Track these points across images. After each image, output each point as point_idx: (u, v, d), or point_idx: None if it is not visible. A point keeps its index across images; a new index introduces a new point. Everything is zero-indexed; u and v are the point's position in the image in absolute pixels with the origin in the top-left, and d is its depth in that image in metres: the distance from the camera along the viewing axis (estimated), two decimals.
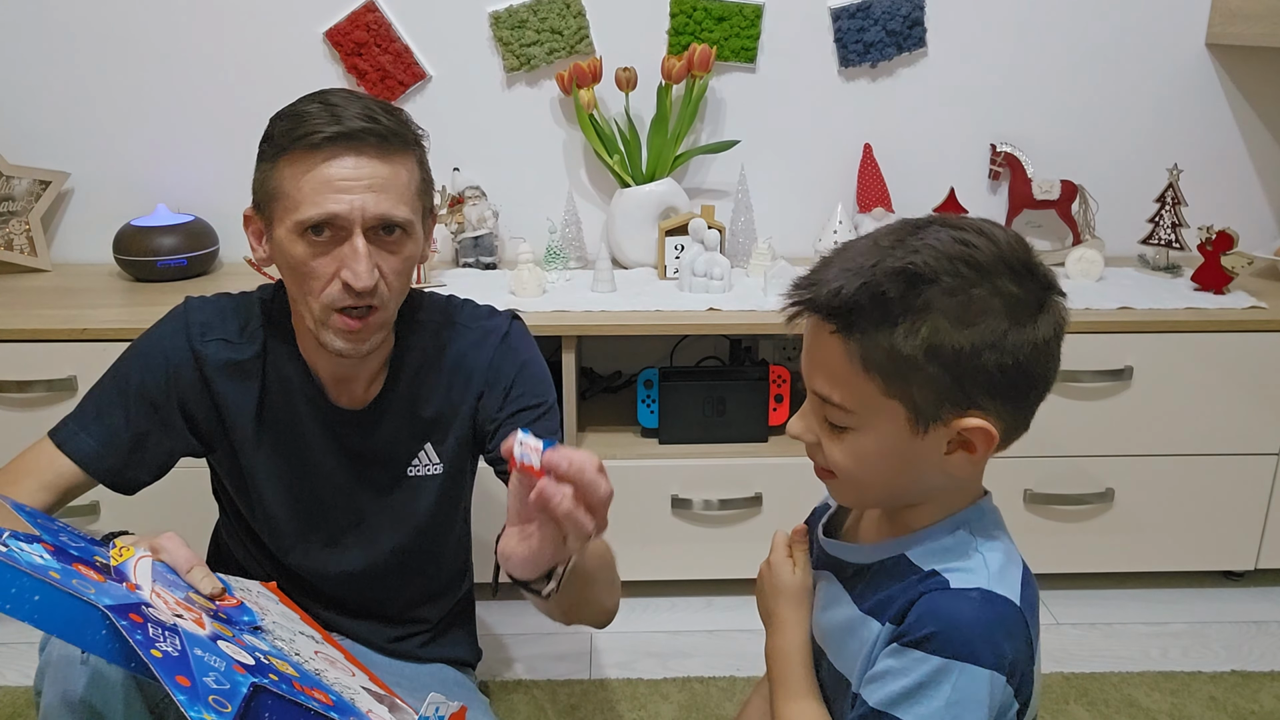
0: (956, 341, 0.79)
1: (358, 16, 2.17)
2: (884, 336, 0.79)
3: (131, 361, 1.24)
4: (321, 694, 0.85)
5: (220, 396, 1.24)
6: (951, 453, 0.84)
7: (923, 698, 0.80)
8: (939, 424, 0.82)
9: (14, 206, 2.19)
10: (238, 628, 0.92)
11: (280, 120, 1.14)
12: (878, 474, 0.86)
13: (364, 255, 1.10)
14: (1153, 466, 2.00)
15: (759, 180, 2.26)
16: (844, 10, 2.21)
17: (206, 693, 0.74)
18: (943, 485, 0.88)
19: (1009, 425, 0.85)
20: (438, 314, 1.30)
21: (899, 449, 0.84)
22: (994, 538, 0.89)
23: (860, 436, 0.84)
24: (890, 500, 0.91)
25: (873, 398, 0.82)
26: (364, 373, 1.25)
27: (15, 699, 1.74)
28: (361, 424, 1.27)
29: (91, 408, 1.22)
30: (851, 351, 0.81)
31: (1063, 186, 2.25)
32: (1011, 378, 0.81)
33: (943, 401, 0.81)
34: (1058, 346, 0.86)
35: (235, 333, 1.25)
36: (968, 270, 0.79)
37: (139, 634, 0.77)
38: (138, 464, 1.23)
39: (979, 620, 0.81)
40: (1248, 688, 1.80)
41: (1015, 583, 0.85)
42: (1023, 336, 0.81)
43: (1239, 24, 2.16)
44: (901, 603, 0.85)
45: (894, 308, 0.79)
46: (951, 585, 0.83)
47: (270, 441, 1.27)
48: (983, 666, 0.80)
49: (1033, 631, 0.85)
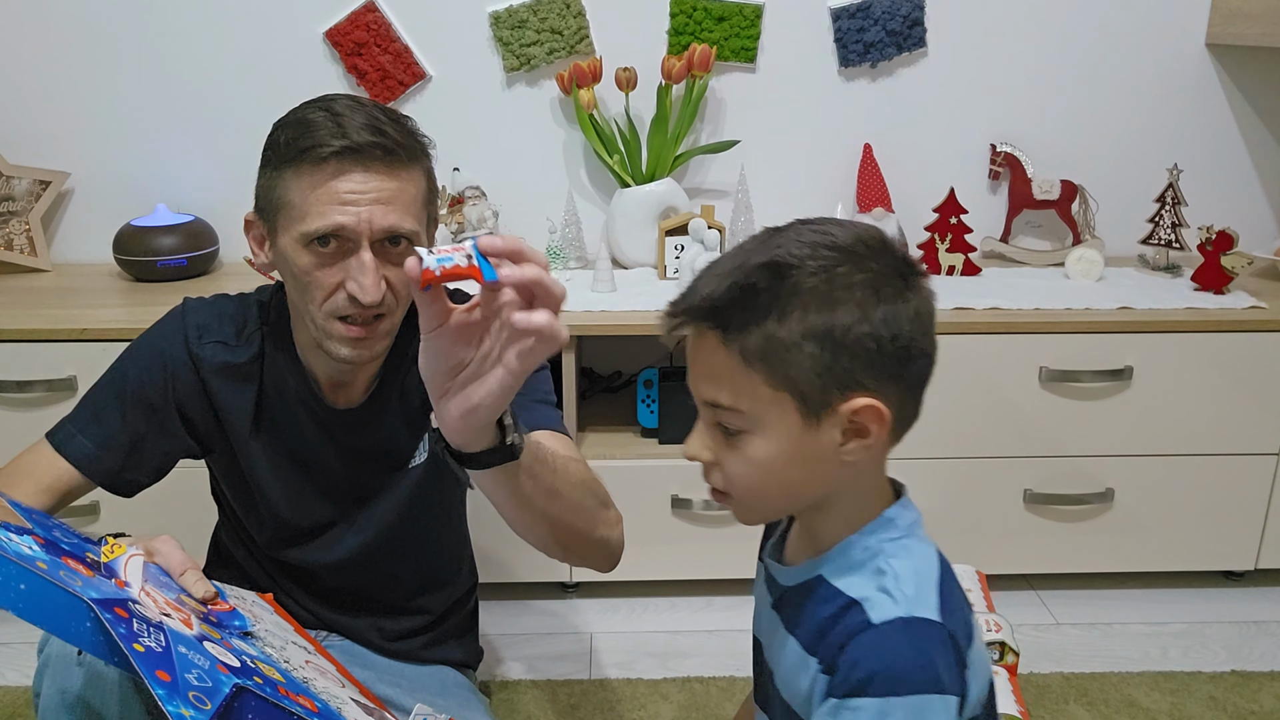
0: (828, 321, 0.81)
1: (358, 16, 2.17)
2: (759, 327, 0.82)
3: (129, 364, 1.24)
4: (307, 700, 0.85)
5: (217, 399, 1.24)
6: (846, 442, 0.85)
7: None
8: (829, 412, 0.83)
9: (14, 206, 2.19)
10: (227, 631, 0.91)
11: (285, 128, 1.12)
12: (777, 480, 0.86)
13: (371, 269, 1.10)
14: (1152, 466, 2.00)
15: (759, 180, 2.26)
16: (844, 10, 2.21)
17: (187, 689, 0.74)
18: (846, 487, 0.88)
19: (898, 405, 0.85)
20: None
21: (795, 445, 0.84)
22: (903, 547, 0.88)
23: (755, 439, 0.85)
24: (795, 508, 0.91)
25: (760, 392, 0.83)
26: (361, 376, 1.25)
27: (15, 699, 1.74)
28: (358, 422, 1.27)
29: (89, 410, 1.22)
30: (732, 349, 0.83)
31: (1063, 186, 2.25)
32: (887, 351, 0.83)
33: (827, 385, 0.82)
34: (930, 324, 0.88)
35: (232, 335, 1.24)
36: (829, 253, 0.83)
37: (123, 628, 0.77)
38: (135, 466, 1.23)
39: (909, 652, 0.81)
40: (1248, 688, 1.80)
41: (932, 594, 0.85)
42: (891, 310, 0.83)
43: (1239, 24, 2.16)
44: (831, 647, 0.84)
45: (764, 298, 0.82)
46: (873, 621, 0.83)
47: (267, 443, 1.27)
48: (927, 693, 0.81)
49: (959, 632, 0.85)
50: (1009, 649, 1.67)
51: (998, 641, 1.67)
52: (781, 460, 0.85)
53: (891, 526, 0.89)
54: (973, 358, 1.92)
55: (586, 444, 2.01)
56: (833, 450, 0.85)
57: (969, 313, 1.94)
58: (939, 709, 0.81)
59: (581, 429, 2.05)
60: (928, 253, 2.17)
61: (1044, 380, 1.94)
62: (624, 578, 2.00)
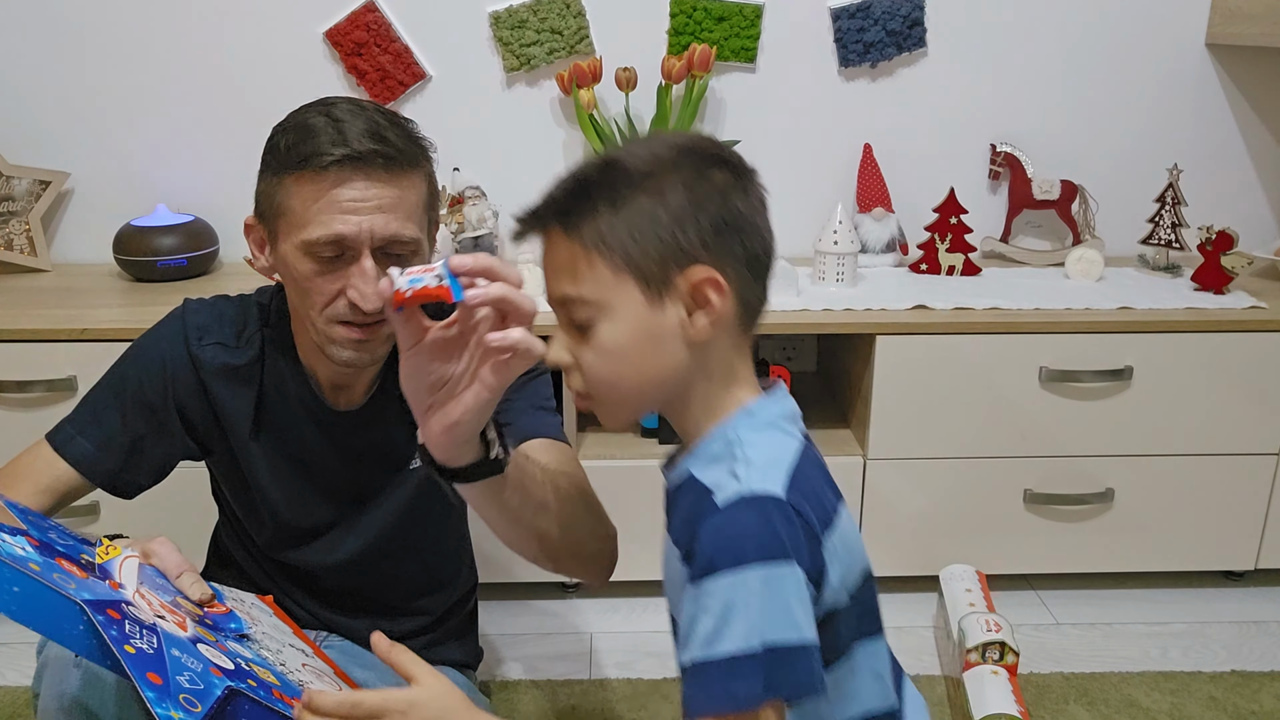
0: (658, 200, 0.86)
1: (358, 16, 2.17)
2: (595, 215, 0.87)
3: (129, 365, 1.24)
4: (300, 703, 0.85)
5: (217, 400, 1.24)
6: (693, 319, 0.88)
7: (733, 619, 0.81)
8: (670, 289, 0.87)
9: (14, 206, 2.19)
10: (223, 634, 0.91)
11: (285, 133, 1.12)
12: (631, 366, 0.89)
13: (372, 277, 1.09)
14: (1153, 466, 2.00)
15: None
16: (844, 10, 2.21)
17: (178, 691, 0.74)
18: (700, 374, 0.91)
19: (738, 283, 0.89)
20: None
21: (642, 326, 0.88)
22: (762, 437, 0.90)
23: (604, 326, 0.88)
24: (654, 398, 0.93)
25: (603, 277, 0.87)
26: (363, 378, 1.25)
27: (15, 699, 1.74)
28: (358, 424, 1.27)
29: (88, 411, 1.22)
30: (573, 239, 0.88)
31: (1063, 186, 2.25)
32: (719, 226, 0.87)
33: (665, 261, 0.86)
34: (762, 208, 0.92)
35: (232, 336, 1.24)
36: (653, 144, 0.90)
37: (114, 630, 0.77)
38: (135, 467, 1.23)
39: (751, 525, 0.83)
40: (1248, 688, 1.80)
41: (780, 475, 0.87)
42: (719, 189, 0.88)
43: (1239, 24, 2.16)
44: (689, 536, 0.87)
45: (598, 188, 0.87)
46: (718, 503, 0.85)
47: (268, 444, 1.27)
48: (773, 562, 0.82)
49: (811, 514, 0.87)
50: (1009, 649, 1.67)
51: (998, 641, 1.67)
52: (632, 344, 0.88)
53: (751, 417, 0.92)
54: (973, 358, 1.92)
55: (586, 444, 2.01)
56: (679, 328, 0.88)
57: (969, 313, 1.94)
58: (789, 579, 0.82)
59: (581, 429, 2.05)
60: (928, 253, 2.18)
61: (1044, 380, 1.94)
62: (624, 578, 1.98)
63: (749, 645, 0.80)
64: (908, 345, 1.91)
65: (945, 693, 1.79)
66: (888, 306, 1.96)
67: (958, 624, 1.76)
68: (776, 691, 0.81)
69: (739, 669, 0.80)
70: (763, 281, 0.93)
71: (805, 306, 1.95)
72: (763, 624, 0.81)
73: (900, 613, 2.02)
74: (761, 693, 0.80)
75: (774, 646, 0.81)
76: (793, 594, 0.82)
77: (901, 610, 2.03)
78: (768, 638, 0.80)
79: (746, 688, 0.80)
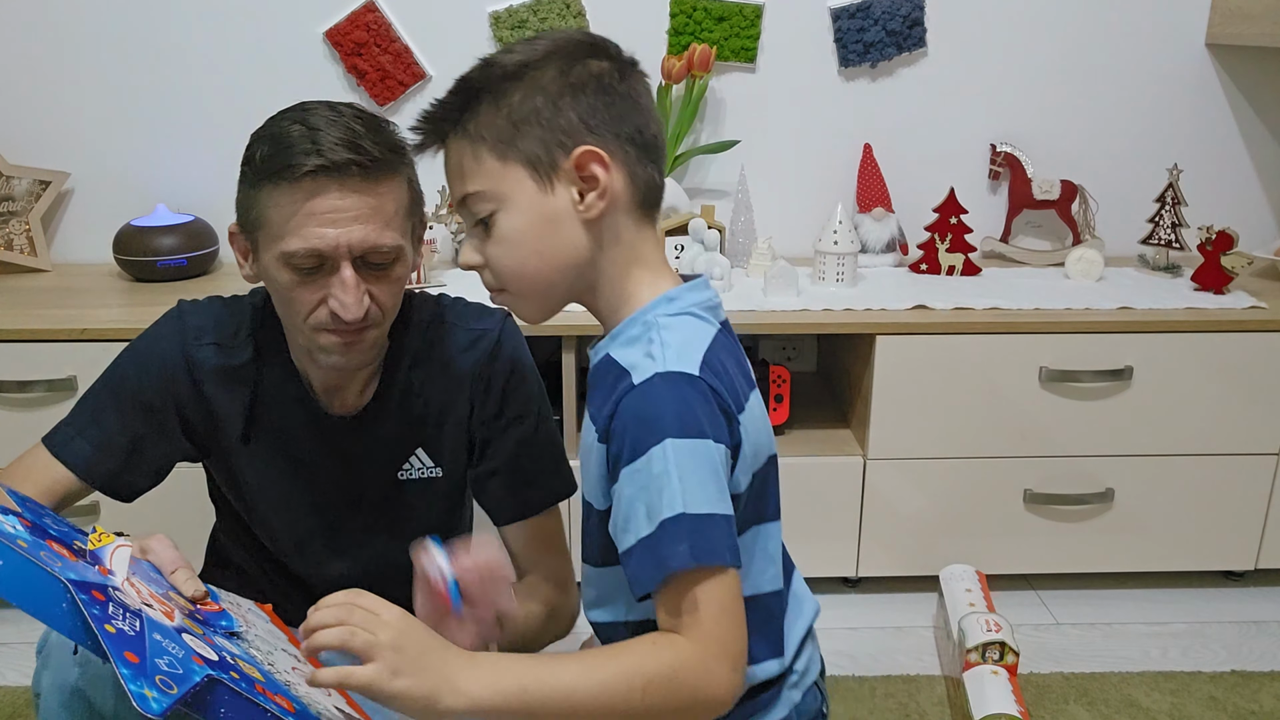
0: (535, 86, 0.90)
1: (358, 16, 2.17)
2: (478, 109, 0.91)
3: (126, 366, 1.23)
4: (285, 700, 0.84)
5: (212, 402, 1.23)
6: (584, 199, 0.91)
7: (662, 494, 0.83)
8: (558, 172, 0.90)
9: (14, 206, 2.19)
10: (212, 629, 0.91)
11: (260, 143, 1.10)
12: (533, 253, 0.92)
13: (352, 286, 1.08)
14: (1152, 466, 2.00)
15: (759, 180, 2.26)
16: (844, 10, 2.21)
17: (155, 673, 0.73)
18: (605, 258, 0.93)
19: (625, 162, 0.91)
20: (427, 313, 1.27)
21: (538, 213, 0.91)
22: (678, 321, 0.92)
23: (503, 218, 0.91)
24: (562, 286, 0.95)
25: (493, 168, 0.91)
26: (356, 380, 1.24)
27: (15, 699, 1.74)
28: (353, 429, 1.25)
29: (86, 412, 1.21)
30: (462, 138, 0.92)
31: (1063, 186, 2.25)
32: (595, 106, 0.90)
33: (549, 145, 0.90)
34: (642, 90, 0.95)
35: (228, 337, 1.23)
36: (531, 41, 0.93)
37: (96, 609, 0.77)
38: (134, 469, 1.22)
39: (664, 402, 0.86)
40: (1248, 688, 1.80)
41: (695, 356, 0.89)
42: (594, 70, 0.91)
43: (1239, 24, 2.16)
44: (605, 416, 0.89)
45: (477, 84, 0.92)
46: (635, 383, 0.88)
47: (262, 447, 1.26)
48: (692, 437, 0.84)
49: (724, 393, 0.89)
50: (1009, 649, 1.67)
51: (998, 641, 1.67)
52: (530, 230, 0.91)
53: (670, 302, 0.93)
54: (973, 358, 1.92)
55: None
56: (572, 209, 0.91)
57: (969, 313, 1.94)
58: (706, 453, 0.85)
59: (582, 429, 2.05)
60: (928, 253, 2.18)
61: (1044, 380, 1.94)
62: None
63: (672, 514, 0.83)
64: (908, 345, 1.91)
65: (945, 693, 1.79)
66: (888, 306, 1.96)
67: (958, 624, 1.76)
68: (701, 558, 0.82)
69: (665, 537, 0.83)
70: (654, 163, 0.95)
71: (805, 306, 1.95)
72: (684, 494, 0.83)
73: (900, 613, 2.02)
74: (688, 557, 0.82)
75: (696, 514, 0.83)
76: (709, 467, 0.85)
77: (901, 610, 2.03)
78: (690, 508, 0.83)
79: (674, 553, 0.82)
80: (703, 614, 0.83)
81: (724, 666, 0.83)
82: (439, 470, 1.29)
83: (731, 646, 0.84)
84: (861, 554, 2.03)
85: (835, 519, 2.00)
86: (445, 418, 1.27)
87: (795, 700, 1.02)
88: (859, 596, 2.08)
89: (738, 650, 0.84)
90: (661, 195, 0.97)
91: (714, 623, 0.83)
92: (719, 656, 0.83)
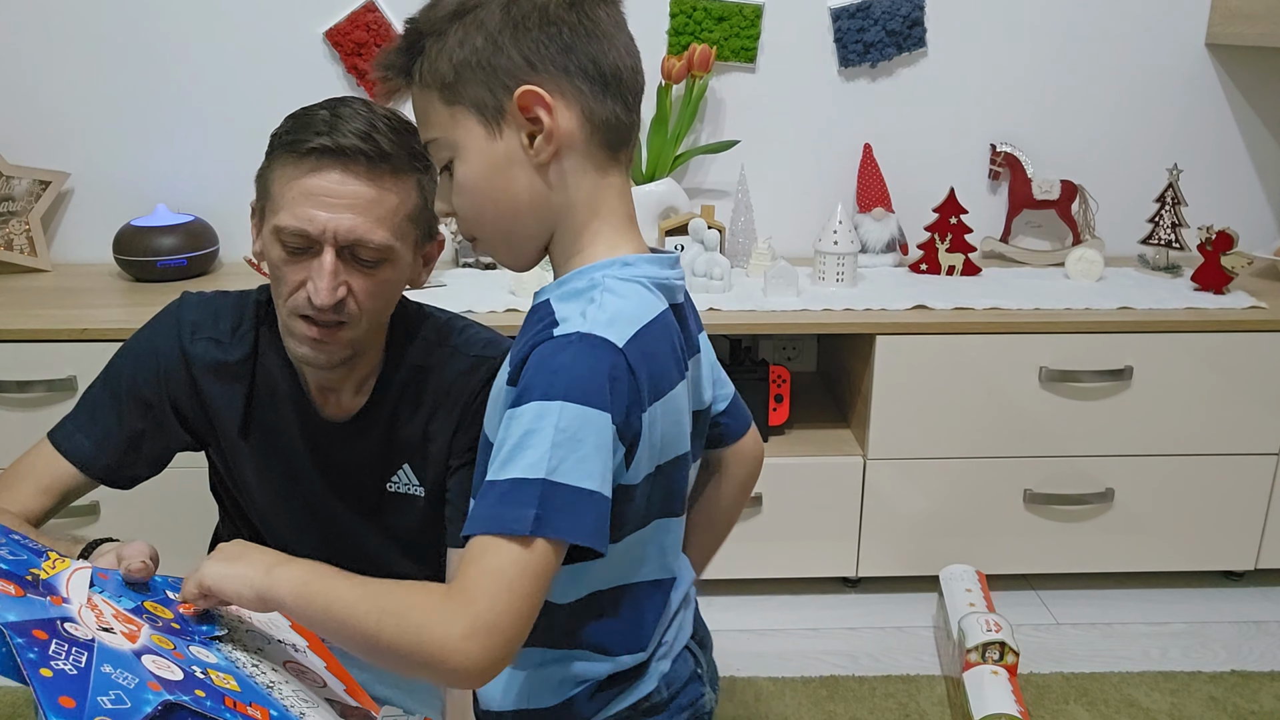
0: (474, 26, 0.86)
1: (358, 16, 2.17)
2: (424, 54, 0.88)
3: (124, 361, 1.23)
4: (261, 710, 0.84)
5: (207, 397, 1.23)
6: (532, 144, 0.87)
7: (528, 445, 0.80)
8: (505, 116, 0.86)
9: (14, 206, 2.19)
10: (188, 638, 0.90)
11: (288, 119, 1.13)
12: (489, 200, 0.89)
13: (329, 273, 1.08)
14: (1152, 466, 2.00)
15: (759, 180, 2.26)
16: (844, 10, 2.21)
17: (95, 713, 0.73)
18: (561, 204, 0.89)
19: (579, 98, 0.87)
20: (433, 333, 1.26)
21: (488, 159, 0.87)
22: (626, 287, 0.88)
23: (460, 165, 0.89)
24: (527, 234, 0.91)
25: (442, 115, 0.88)
26: (347, 384, 1.23)
27: (16, 699, 1.74)
28: (342, 436, 1.24)
29: (87, 408, 1.22)
30: (415, 85, 0.89)
31: (1063, 186, 2.25)
32: (540, 41, 0.86)
33: (494, 88, 0.86)
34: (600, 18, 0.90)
35: (226, 333, 1.23)
36: None
37: (33, 652, 0.75)
38: (134, 462, 1.22)
39: (575, 362, 0.82)
40: (1247, 688, 1.80)
41: (626, 328, 0.85)
42: (533, 4, 0.86)
43: (1239, 24, 2.16)
44: (519, 358, 0.86)
45: (422, 28, 0.88)
46: (554, 334, 0.84)
47: (256, 444, 1.25)
48: (582, 405, 0.80)
49: (642, 373, 0.85)
50: (1009, 649, 1.67)
51: (997, 641, 1.67)
52: (483, 177, 0.88)
53: (626, 267, 0.89)
54: (973, 358, 1.92)
55: None
56: (523, 154, 0.87)
57: (969, 313, 1.94)
58: (595, 425, 0.81)
59: None
60: (928, 253, 2.18)
61: (1044, 380, 1.94)
62: None
63: (531, 474, 0.79)
64: (908, 345, 1.91)
65: (945, 693, 1.79)
66: (888, 306, 1.96)
67: (958, 624, 1.76)
68: (546, 528, 0.78)
69: (514, 495, 0.79)
70: (618, 97, 0.89)
71: (805, 306, 1.95)
72: (552, 459, 0.79)
73: (900, 613, 2.02)
74: (529, 524, 0.78)
75: (557, 484, 0.79)
76: (594, 441, 0.81)
77: (901, 610, 2.03)
78: (553, 474, 0.79)
79: (515, 515, 0.78)
80: (476, 577, 0.78)
81: (460, 628, 0.77)
82: (421, 490, 1.27)
83: (484, 615, 0.77)
84: (861, 554, 2.03)
85: (835, 519, 2.00)
86: (432, 440, 1.25)
87: (664, 670, 0.99)
88: (859, 596, 2.08)
89: (489, 623, 0.77)
90: (631, 133, 0.92)
91: (480, 588, 0.78)
92: (461, 617, 0.77)
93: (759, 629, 1.97)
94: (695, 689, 1.03)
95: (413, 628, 0.78)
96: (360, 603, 0.82)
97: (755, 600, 2.05)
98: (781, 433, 2.08)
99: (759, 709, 1.75)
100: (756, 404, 2.01)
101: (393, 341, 1.23)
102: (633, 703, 0.97)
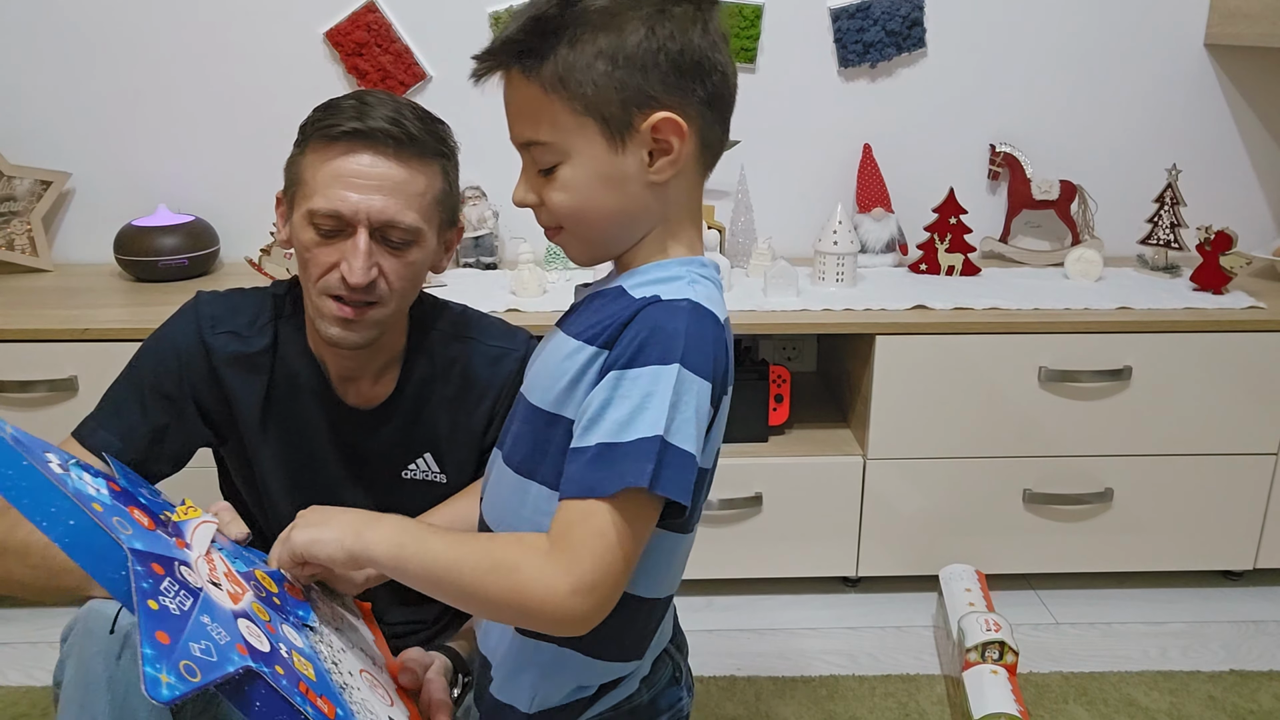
0: (617, 39, 0.84)
1: (358, 17, 2.17)
2: (554, 55, 0.85)
3: (145, 357, 1.26)
4: (328, 704, 0.84)
5: (228, 388, 1.26)
6: (654, 162, 0.87)
7: (648, 409, 0.82)
8: (631, 132, 0.86)
9: (15, 207, 2.19)
10: (283, 615, 0.92)
11: (317, 109, 1.17)
12: (594, 204, 0.89)
13: (364, 253, 1.12)
14: (1152, 466, 2.00)
15: (759, 180, 2.26)
16: (844, 10, 2.22)
17: (181, 657, 0.73)
18: (658, 218, 0.91)
19: (700, 123, 0.88)
20: (449, 325, 1.31)
21: (606, 170, 0.87)
22: (706, 285, 0.90)
23: (568, 169, 0.88)
24: (618, 238, 0.93)
25: (564, 120, 0.86)
26: (369, 370, 1.26)
27: (15, 699, 1.74)
28: (365, 424, 1.28)
29: (110, 404, 1.24)
30: (532, 81, 0.86)
31: (1062, 186, 2.25)
32: (679, 66, 0.85)
33: (626, 104, 0.85)
34: (722, 42, 0.89)
35: (245, 325, 1.26)
36: None
37: (147, 582, 0.78)
38: (157, 457, 1.24)
39: (690, 328, 0.84)
40: (1246, 687, 1.81)
41: (721, 312, 0.89)
42: (679, 26, 0.85)
43: (1238, 24, 2.16)
44: (614, 326, 0.87)
45: (555, 25, 0.85)
46: (663, 297, 0.86)
47: (275, 434, 1.28)
48: (695, 372, 0.83)
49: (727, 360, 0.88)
50: (1009, 649, 1.67)
51: (997, 641, 1.67)
52: (595, 186, 0.88)
53: (704, 267, 0.92)
54: (973, 358, 1.92)
55: None
56: (640, 171, 0.87)
57: (969, 313, 1.94)
58: (697, 390, 0.84)
59: None
60: (928, 253, 2.18)
61: (1043, 380, 1.94)
62: None
63: (651, 434, 0.81)
64: (907, 345, 1.91)
65: (945, 692, 1.80)
66: (887, 306, 1.96)
67: (957, 624, 1.76)
68: (660, 484, 0.81)
69: (638, 452, 0.81)
70: (724, 120, 0.91)
71: (805, 306, 1.95)
72: (670, 420, 0.82)
73: (900, 612, 2.03)
74: (649, 477, 0.80)
75: (669, 443, 0.82)
76: (700, 409, 0.84)
77: (901, 610, 2.03)
78: (668, 434, 0.82)
79: (636, 469, 0.81)
80: (584, 538, 0.81)
81: (567, 585, 0.81)
82: (443, 477, 1.31)
83: (588, 574, 0.81)
84: (861, 554, 2.03)
85: (835, 519, 2.01)
86: (459, 430, 1.29)
87: (644, 673, 1.01)
88: (859, 596, 2.08)
89: (593, 580, 0.81)
90: (723, 151, 0.93)
91: (588, 549, 0.81)
92: (568, 575, 0.81)
93: (759, 629, 1.97)
94: (674, 693, 1.05)
95: (520, 584, 0.82)
96: (461, 562, 0.85)
97: (755, 600, 2.05)
98: (781, 433, 2.08)
99: (759, 709, 1.75)
100: (756, 404, 2.01)
101: (413, 330, 1.28)
102: (614, 704, 0.99)
